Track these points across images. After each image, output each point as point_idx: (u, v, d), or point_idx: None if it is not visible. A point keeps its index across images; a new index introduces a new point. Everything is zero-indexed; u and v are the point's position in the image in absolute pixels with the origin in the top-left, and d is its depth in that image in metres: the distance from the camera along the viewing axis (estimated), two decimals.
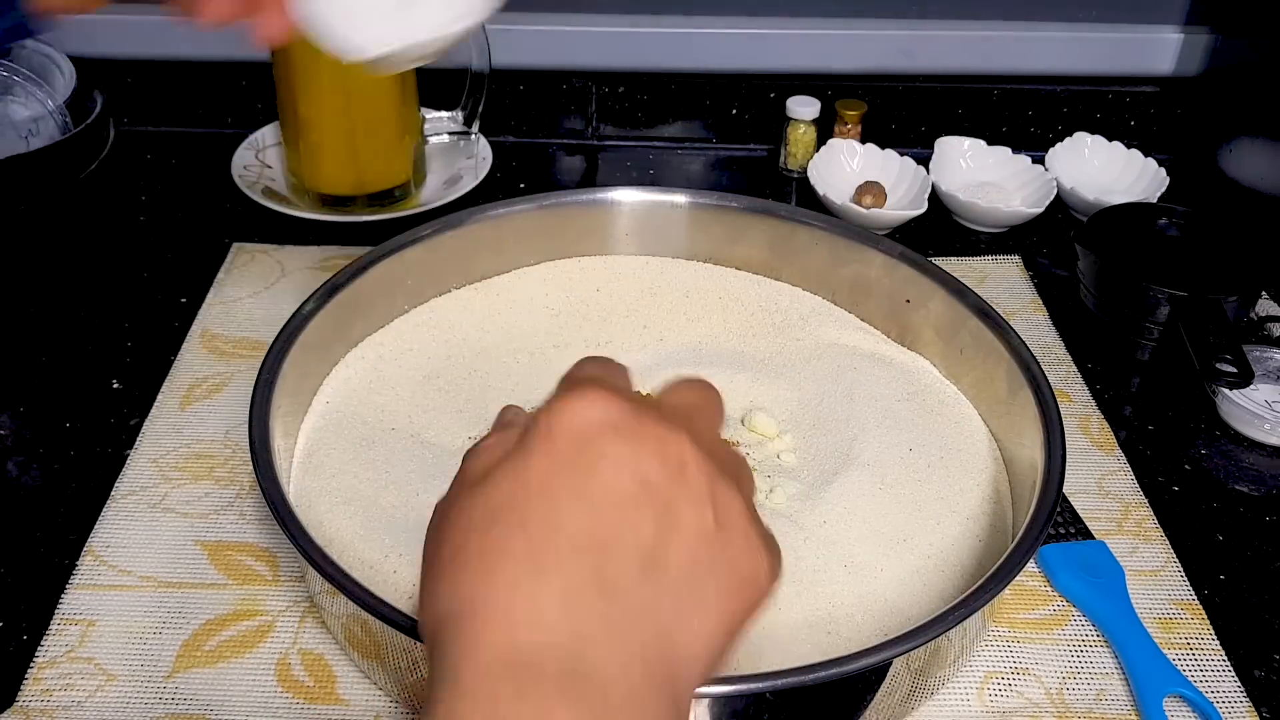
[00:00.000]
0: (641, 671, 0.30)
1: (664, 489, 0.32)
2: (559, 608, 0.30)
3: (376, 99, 0.80)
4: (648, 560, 0.31)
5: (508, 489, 0.32)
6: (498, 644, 0.29)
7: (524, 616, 0.30)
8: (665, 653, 0.31)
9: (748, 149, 0.97)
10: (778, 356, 0.67)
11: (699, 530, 0.32)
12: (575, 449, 0.32)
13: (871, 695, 0.46)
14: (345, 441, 0.59)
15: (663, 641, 0.31)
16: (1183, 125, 0.96)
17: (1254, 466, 0.66)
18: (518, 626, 0.29)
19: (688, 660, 0.31)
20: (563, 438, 0.32)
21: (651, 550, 0.31)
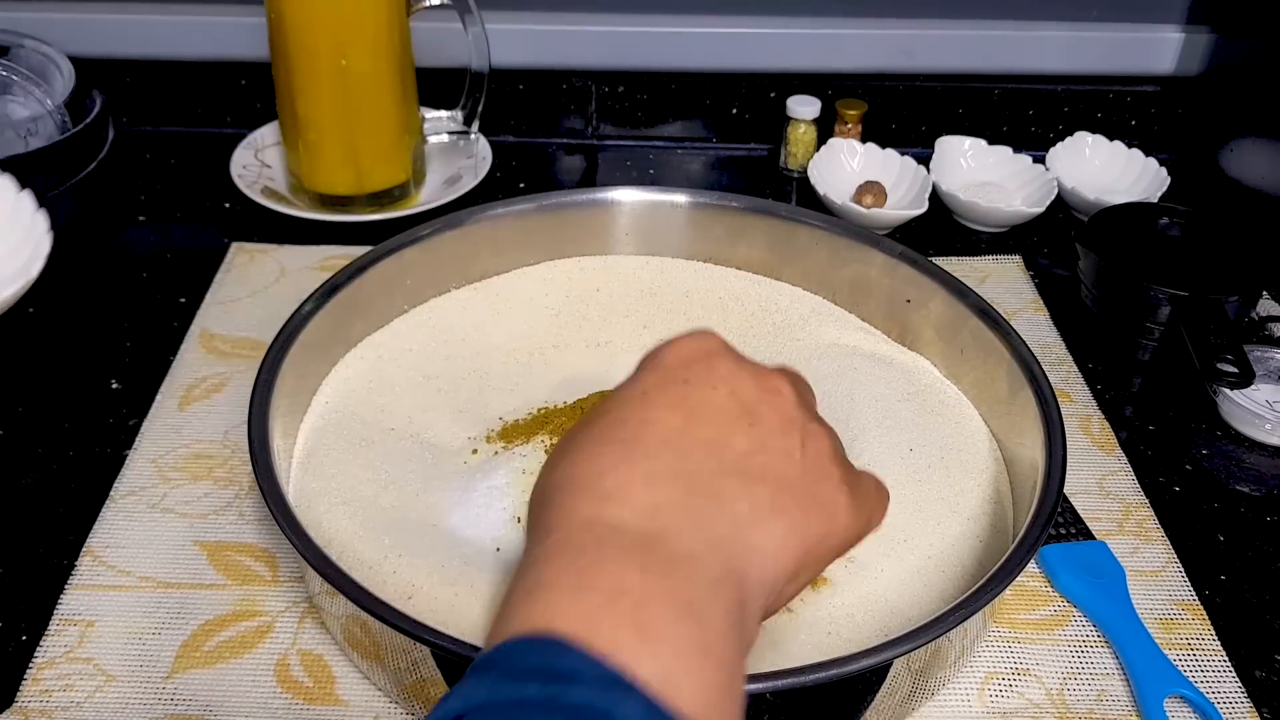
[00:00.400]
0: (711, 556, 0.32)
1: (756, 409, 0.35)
2: (644, 488, 0.33)
3: (376, 99, 0.79)
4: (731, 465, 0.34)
5: (620, 396, 0.37)
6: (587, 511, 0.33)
7: (613, 491, 0.33)
8: (736, 547, 0.33)
9: (748, 149, 0.97)
10: (778, 356, 0.67)
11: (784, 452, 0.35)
12: (681, 367, 0.36)
13: (872, 696, 0.46)
14: (345, 441, 0.59)
15: (735, 536, 0.33)
16: (1183, 125, 0.96)
17: (1255, 467, 0.66)
18: (607, 499, 0.33)
19: (758, 562, 0.33)
20: (672, 358, 0.37)
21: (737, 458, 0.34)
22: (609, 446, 0.34)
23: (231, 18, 0.92)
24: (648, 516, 0.32)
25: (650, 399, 0.35)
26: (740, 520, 0.33)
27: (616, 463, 0.34)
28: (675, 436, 0.34)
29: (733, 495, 0.33)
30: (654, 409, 0.35)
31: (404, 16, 0.79)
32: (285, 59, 0.78)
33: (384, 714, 0.50)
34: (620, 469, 0.33)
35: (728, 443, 0.34)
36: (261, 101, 0.94)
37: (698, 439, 0.34)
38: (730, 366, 0.36)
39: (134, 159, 0.91)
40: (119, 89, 0.92)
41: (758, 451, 0.35)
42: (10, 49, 0.82)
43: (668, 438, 0.34)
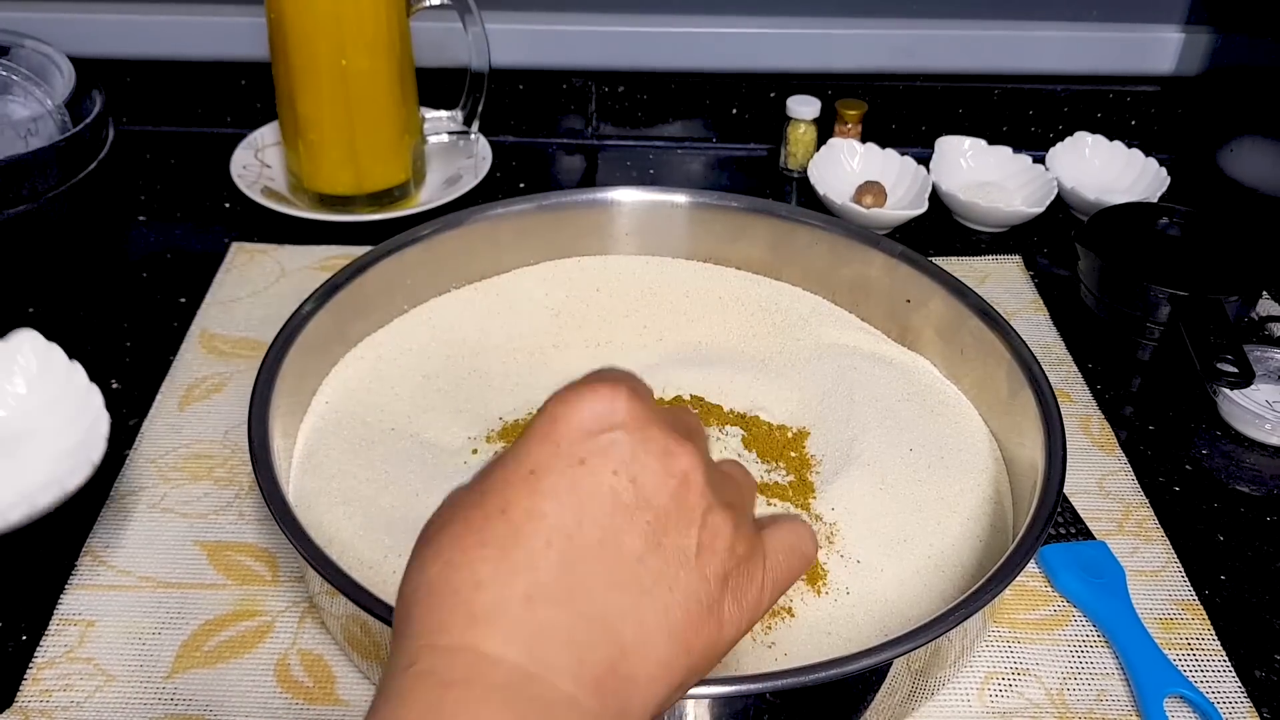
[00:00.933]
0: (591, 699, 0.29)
1: (656, 500, 0.31)
2: (523, 609, 0.29)
3: (376, 99, 0.79)
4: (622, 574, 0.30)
5: (502, 472, 0.31)
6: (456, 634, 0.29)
7: (487, 612, 0.29)
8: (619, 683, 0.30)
9: (748, 149, 0.97)
10: (778, 356, 0.67)
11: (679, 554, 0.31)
12: (577, 440, 0.31)
13: (872, 696, 0.46)
14: (345, 442, 0.59)
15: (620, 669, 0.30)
16: (1183, 125, 0.96)
17: (1255, 466, 0.66)
18: (479, 621, 0.29)
19: (641, 694, 0.30)
20: (566, 426, 0.31)
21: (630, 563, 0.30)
22: (487, 549, 0.30)
23: (231, 18, 0.92)
24: (525, 649, 0.29)
25: (539, 483, 0.31)
26: (626, 647, 0.30)
27: (494, 571, 0.29)
28: (562, 538, 0.30)
29: (620, 615, 0.30)
30: (542, 498, 0.30)
31: (404, 16, 0.79)
32: (285, 59, 0.78)
33: None
34: (498, 581, 0.29)
35: (620, 543, 0.30)
36: (261, 101, 0.94)
37: (588, 541, 0.30)
38: (633, 446, 0.31)
39: (134, 159, 0.91)
40: (119, 89, 0.92)
41: (651, 553, 0.31)
42: (10, 49, 0.82)
43: (554, 539, 0.30)
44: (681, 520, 0.31)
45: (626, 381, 0.33)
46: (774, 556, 0.35)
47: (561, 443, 0.31)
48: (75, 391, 0.51)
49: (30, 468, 0.50)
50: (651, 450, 0.31)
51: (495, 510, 0.30)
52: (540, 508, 0.30)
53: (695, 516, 0.32)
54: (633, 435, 0.31)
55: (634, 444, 0.31)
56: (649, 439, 0.31)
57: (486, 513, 0.31)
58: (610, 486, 0.31)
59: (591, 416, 0.31)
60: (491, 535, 0.30)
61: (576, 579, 0.30)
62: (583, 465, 0.31)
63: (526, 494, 0.30)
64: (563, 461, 0.31)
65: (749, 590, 0.34)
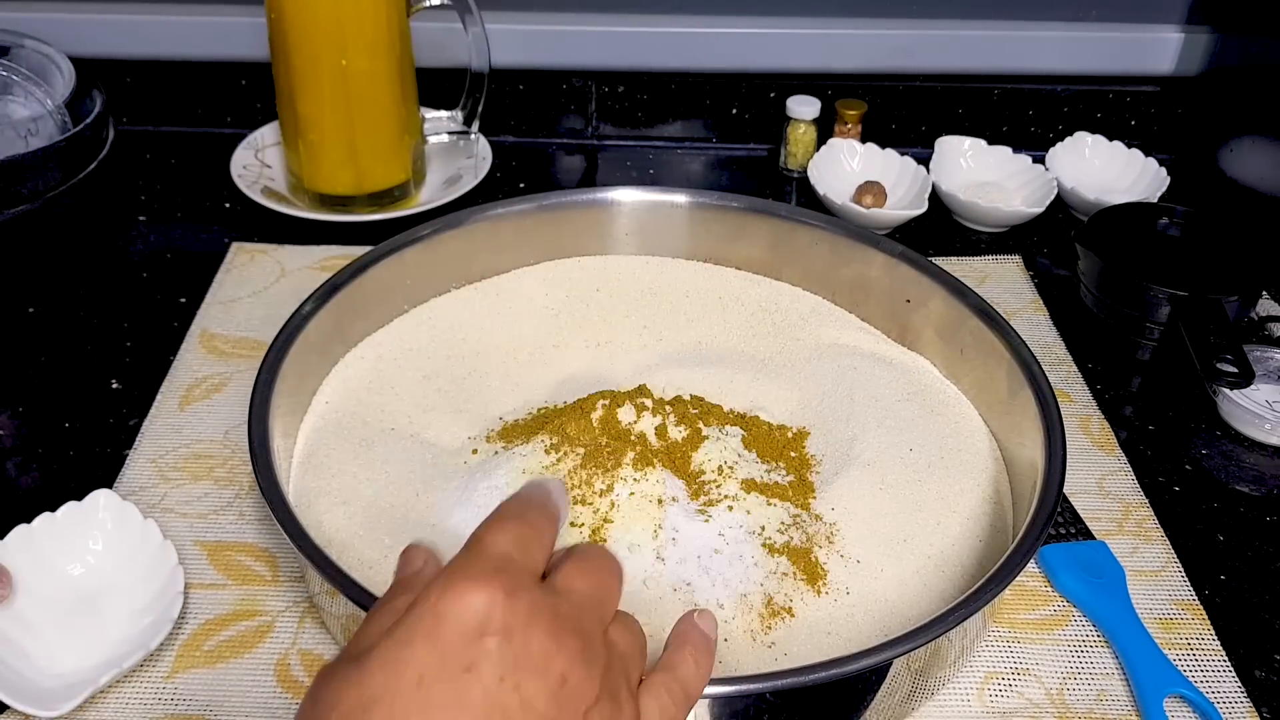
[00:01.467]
0: None
1: (540, 704, 0.31)
2: None
3: (376, 99, 0.79)
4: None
5: (383, 680, 0.30)
6: None
7: None
8: None
9: (748, 149, 0.97)
10: (778, 356, 0.67)
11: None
12: (459, 645, 0.30)
13: (872, 696, 0.46)
14: (345, 441, 0.59)
15: None
16: (1183, 125, 0.96)
17: (1254, 466, 0.66)
18: None
19: None
20: (448, 628, 0.30)
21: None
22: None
23: (231, 18, 0.92)
24: None
25: (428, 694, 0.30)
26: None
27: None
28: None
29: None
30: (432, 711, 0.29)
31: (404, 16, 0.79)
32: (285, 59, 0.78)
33: None
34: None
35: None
36: (261, 101, 0.94)
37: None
38: (517, 648, 0.31)
39: (134, 159, 0.91)
40: (119, 89, 0.92)
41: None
42: (10, 49, 0.82)
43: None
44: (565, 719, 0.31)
45: (507, 570, 0.32)
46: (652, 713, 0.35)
47: (446, 646, 0.30)
48: (150, 548, 0.54)
49: (111, 624, 0.52)
50: (533, 655, 0.31)
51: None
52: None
53: (578, 714, 0.32)
54: (516, 638, 0.31)
55: (518, 648, 0.31)
56: (529, 640, 0.31)
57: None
58: (496, 697, 0.30)
59: (477, 616, 0.31)
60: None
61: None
62: (469, 673, 0.30)
63: (416, 708, 0.29)
64: (449, 669, 0.30)
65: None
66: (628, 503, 0.53)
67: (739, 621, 0.50)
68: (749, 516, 0.54)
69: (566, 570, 0.34)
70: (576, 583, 0.34)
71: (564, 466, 0.54)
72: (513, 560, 0.33)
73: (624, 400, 0.57)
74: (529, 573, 0.33)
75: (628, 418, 0.57)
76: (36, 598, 0.52)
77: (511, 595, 0.31)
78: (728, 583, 0.51)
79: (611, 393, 0.58)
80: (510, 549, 0.33)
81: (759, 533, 0.53)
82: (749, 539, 0.53)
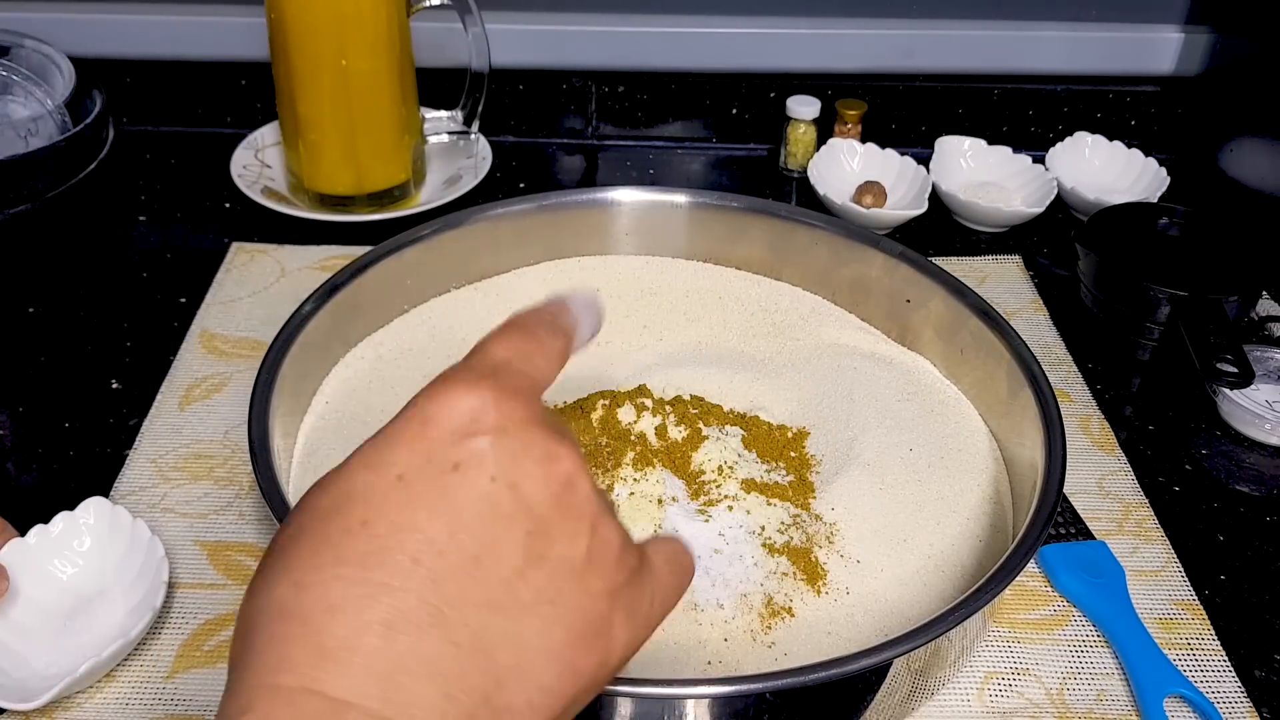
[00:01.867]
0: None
1: (540, 507, 0.28)
2: (381, 642, 0.25)
3: (376, 99, 0.79)
4: (499, 589, 0.27)
5: (364, 477, 0.28)
6: (301, 671, 0.25)
7: (337, 643, 0.25)
8: (497, 702, 0.26)
9: (748, 149, 0.97)
10: (778, 356, 0.67)
11: (567, 564, 0.28)
12: (448, 443, 0.28)
13: (872, 696, 0.46)
14: (345, 441, 0.59)
15: (496, 689, 0.26)
16: (1183, 125, 0.96)
17: (1254, 466, 0.66)
18: (329, 657, 0.25)
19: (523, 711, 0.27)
20: (437, 428, 0.28)
21: (508, 577, 0.27)
22: (344, 568, 0.26)
23: (231, 18, 0.92)
24: (381, 689, 0.25)
25: (409, 491, 0.27)
26: (501, 675, 0.27)
27: (351, 594, 0.26)
28: (432, 554, 0.26)
29: (496, 638, 0.27)
30: (411, 508, 0.27)
31: (404, 16, 0.79)
32: (285, 59, 0.78)
33: None
34: (354, 606, 0.25)
35: (498, 555, 0.27)
36: (261, 101, 0.94)
37: (462, 556, 0.26)
38: (512, 449, 0.28)
39: (134, 159, 0.91)
40: (119, 89, 0.92)
41: (532, 566, 0.27)
42: (10, 49, 0.82)
43: (422, 555, 0.26)
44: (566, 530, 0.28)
45: (503, 374, 0.29)
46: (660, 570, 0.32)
47: (433, 446, 0.28)
48: (140, 548, 0.54)
49: (104, 623, 0.52)
50: (533, 453, 0.28)
51: (356, 522, 0.27)
52: (408, 519, 0.27)
53: (583, 525, 0.28)
54: (511, 437, 0.28)
55: (513, 446, 0.28)
56: (529, 441, 0.28)
57: (346, 524, 0.27)
58: (487, 494, 0.27)
59: (466, 416, 0.28)
60: (350, 551, 0.26)
61: (445, 599, 0.26)
62: (456, 471, 0.27)
63: (394, 504, 0.27)
64: (434, 467, 0.27)
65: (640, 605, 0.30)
66: (628, 503, 0.53)
67: (739, 621, 0.50)
68: (749, 516, 0.54)
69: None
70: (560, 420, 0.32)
71: None
72: (511, 366, 0.30)
73: (624, 400, 0.57)
74: (529, 381, 0.30)
75: (628, 418, 0.57)
76: (30, 603, 0.52)
77: (505, 397, 0.29)
78: (728, 583, 0.51)
79: (611, 393, 0.58)
80: (510, 356, 0.31)
81: (759, 533, 0.53)
82: (749, 539, 0.53)
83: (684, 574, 0.33)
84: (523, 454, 0.28)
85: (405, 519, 0.27)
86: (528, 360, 0.31)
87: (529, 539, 0.28)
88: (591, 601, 0.29)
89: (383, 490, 0.27)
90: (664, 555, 0.33)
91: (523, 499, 0.28)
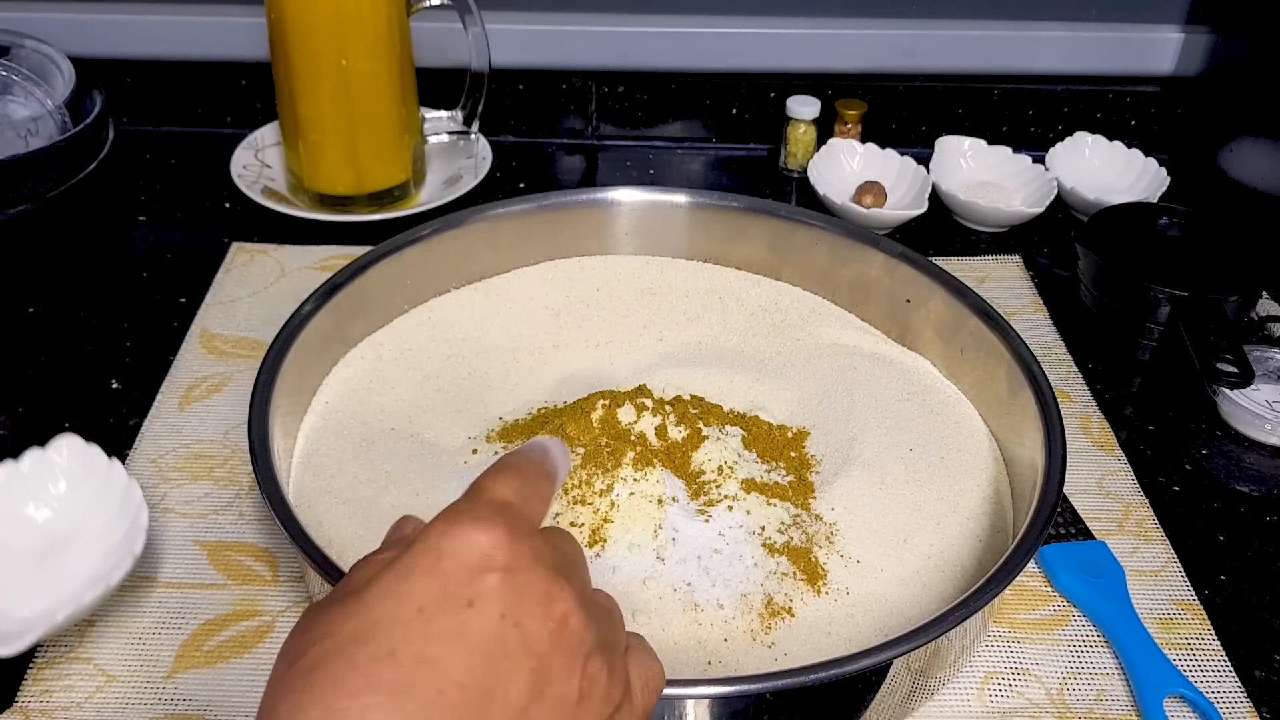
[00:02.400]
0: None
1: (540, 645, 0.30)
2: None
3: (376, 99, 0.79)
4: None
5: (385, 608, 0.29)
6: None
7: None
8: None
9: (748, 149, 0.97)
10: (778, 356, 0.67)
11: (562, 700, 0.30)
12: (461, 580, 0.30)
13: (872, 696, 0.46)
14: (345, 441, 0.59)
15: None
16: (1183, 125, 0.96)
17: (1254, 466, 0.66)
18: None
19: None
20: (450, 563, 0.30)
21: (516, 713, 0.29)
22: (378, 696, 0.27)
23: (231, 18, 0.92)
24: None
25: (430, 625, 0.29)
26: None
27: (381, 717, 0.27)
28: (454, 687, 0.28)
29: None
30: (433, 642, 0.28)
31: (404, 16, 0.80)
32: (285, 59, 0.78)
33: None
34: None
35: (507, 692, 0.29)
36: (261, 101, 0.94)
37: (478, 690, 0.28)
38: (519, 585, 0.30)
39: (134, 159, 0.91)
40: (119, 89, 0.92)
41: (536, 704, 0.29)
42: (10, 49, 0.82)
43: (445, 687, 0.28)
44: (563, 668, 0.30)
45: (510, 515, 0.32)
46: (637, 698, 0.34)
47: (448, 580, 0.30)
48: (116, 488, 0.53)
49: (79, 565, 0.52)
50: (534, 593, 0.30)
51: (384, 652, 0.28)
52: (431, 653, 0.28)
53: (576, 663, 0.31)
54: (517, 577, 0.30)
55: (520, 585, 0.30)
56: (532, 581, 0.30)
57: (374, 653, 0.28)
58: (497, 632, 0.29)
59: (477, 553, 0.30)
60: (381, 680, 0.28)
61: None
62: (471, 608, 0.29)
63: (417, 636, 0.28)
64: (451, 602, 0.29)
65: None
66: (628, 503, 0.53)
67: (739, 621, 0.50)
68: (749, 516, 0.54)
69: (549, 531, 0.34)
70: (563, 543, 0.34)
71: None
72: (513, 507, 0.32)
73: (624, 400, 0.57)
74: (528, 521, 0.33)
75: (628, 418, 0.57)
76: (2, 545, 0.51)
77: (514, 537, 0.31)
78: (728, 583, 0.51)
79: (611, 393, 0.58)
80: (511, 498, 0.33)
81: (759, 533, 0.53)
82: (749, 539, 0.53)
83: (656, 695, 0.35)
84: (527, 595, 0.30)
85: (429, 652, 0.28)
86: (526, 502, 0.33)
87: (533, 676, 0.29)
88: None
89: (405, 621, 0.29)
90: (642, 680, 0.34)
91: (526, 638, 0.30)
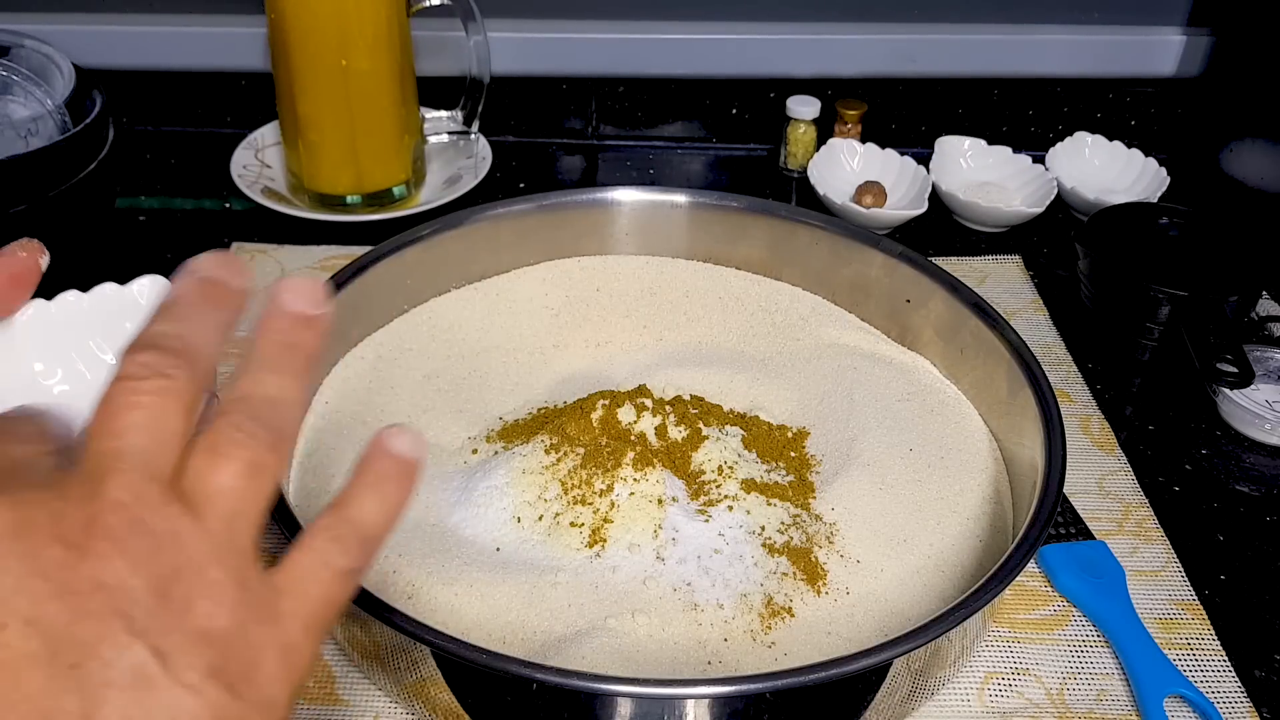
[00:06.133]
0: None
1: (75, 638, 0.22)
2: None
3: (376, 99, 0.79)
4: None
5: None
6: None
7: None
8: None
9: (748, 149, 0.97)
10: (778, 356, 0.67)
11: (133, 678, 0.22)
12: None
13: (872, 696, 0.46)
14: (345, 441, 0.59)
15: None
16: (1183, 125, 0.96)
17: (1254, 466, 0.66)
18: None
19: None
20: None
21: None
22: None
23: (233, 28, 0.91)
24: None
25: None
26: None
27: None
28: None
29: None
30: None
31: (404, 17, 0.79)
32: (285, 59, 0.78)
33: (384, 714, 0.50)
34: None
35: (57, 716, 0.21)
36: (261, 101, 0.94)
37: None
38: (19, 570, 0.22)
39: (134, 159, 0.91)
40: (119, 89, 0.92)
41: (98, 706, 0.22)
42: (10, 49, 0.82)
43: None
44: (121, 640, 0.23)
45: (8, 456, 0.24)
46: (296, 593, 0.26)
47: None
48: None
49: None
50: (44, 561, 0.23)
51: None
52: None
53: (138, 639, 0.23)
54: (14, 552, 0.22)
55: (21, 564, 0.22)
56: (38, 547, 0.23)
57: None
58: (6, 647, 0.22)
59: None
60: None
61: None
62: None
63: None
64: None
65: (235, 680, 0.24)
66: (628, 503, 0.53)
67: (739, 621, 0.50)
68: (749, 516, 0.54)
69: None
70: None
71: (564, 466, 0.54)
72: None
73: (624, 400, 0.57)
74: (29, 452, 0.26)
75: (628, 418, 0.57)
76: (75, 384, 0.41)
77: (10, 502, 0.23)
78: (728, 583, 0.51)
79: (611, 393, 0.58)
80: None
81: (759, 533, 0.53)
82: (749, 539, 0.53)
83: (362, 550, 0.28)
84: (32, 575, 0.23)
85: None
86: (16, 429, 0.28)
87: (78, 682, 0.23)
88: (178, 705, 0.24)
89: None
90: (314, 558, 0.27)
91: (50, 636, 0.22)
